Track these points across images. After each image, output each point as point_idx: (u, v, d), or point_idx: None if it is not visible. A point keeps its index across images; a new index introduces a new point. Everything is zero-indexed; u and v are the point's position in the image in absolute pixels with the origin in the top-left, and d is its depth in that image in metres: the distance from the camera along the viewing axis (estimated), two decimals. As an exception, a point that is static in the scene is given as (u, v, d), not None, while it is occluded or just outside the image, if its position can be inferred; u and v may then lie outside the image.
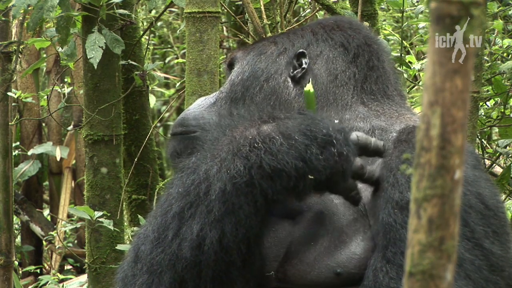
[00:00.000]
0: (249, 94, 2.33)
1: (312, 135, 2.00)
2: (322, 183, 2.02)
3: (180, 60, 5.83)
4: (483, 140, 4.38)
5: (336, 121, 2.15)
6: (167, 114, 8.15)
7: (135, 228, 3.92)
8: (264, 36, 3.77)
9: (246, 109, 2.29)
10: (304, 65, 2.33)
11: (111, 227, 3.62)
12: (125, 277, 2.10)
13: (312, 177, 1.99)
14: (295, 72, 2.33)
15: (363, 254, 2.05)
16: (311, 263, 2.09)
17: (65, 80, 5.77)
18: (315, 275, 2.08)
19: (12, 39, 4.35)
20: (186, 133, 2.35)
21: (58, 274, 5.59)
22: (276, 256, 2.12)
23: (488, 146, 4.53)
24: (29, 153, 6.17)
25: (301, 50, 2.34)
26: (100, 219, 3.55)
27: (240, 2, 4.31)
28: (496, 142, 4.38)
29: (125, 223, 4.25)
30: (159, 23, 7.45)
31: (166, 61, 7.63)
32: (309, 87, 2.23)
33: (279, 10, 4.10)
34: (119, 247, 3.78)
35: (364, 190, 2.11)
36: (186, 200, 2.01)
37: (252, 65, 2.36)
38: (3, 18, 4.21)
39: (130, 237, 3.80)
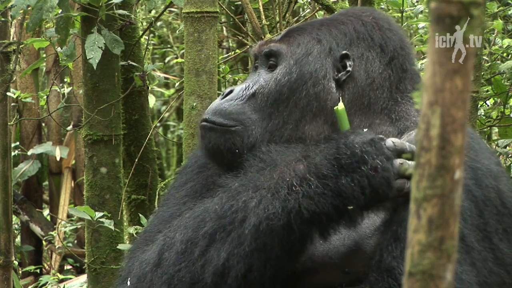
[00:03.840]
0: (295, 98, 2.24)
1: (338, 164, 1.97)
2: (369, 203, 1.98)
3: (180, 60, 5.83)
4: (482, 140, 4.38)
5: (365, 130, 2.11)
6: (167, 114, 8.15)
7: (138, 227, 3.92)
8: (263, 37, 3.77)
9: (287, 114, 2.23)
10: (349, 68, 2.26)
11: (112, 227, 3.61)
12: (143, 276, 2.09)
13: (352, 206, 1.96)
14: (339, 75, 2.26)
15: (373, 253, 2.05)
16: (320, 262, 2.09)
17: (65, 80, 5.78)
18: (323, 273, 2.08)
19: (11, 39, 4.35)
20: (226, 126, 2.25)
21: (58, 274, 5.59)
22: None
23: (488, 146, 4.52)
24: (29, 153, 6.17)
25: (345, 52, 2.26)
26: (101, 219, 3.55)
27: (239, 2, 4.31)
28: (496, 142, 4.38)
29: (125, 223, 4.25)
30: (158, 23, 7.44)
31: (166, 61, 7.63)
32: (340, 105, 2.17)
33: (278, 10, 4.10)
34: (120, 246, 3.78)
35: None
36: (220, 223, 2.00)
37: (300, 67, 2.26)
38: (2, 19, 4.21)
39: (134, 235, 3.80)
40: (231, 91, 2.31)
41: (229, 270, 1.96)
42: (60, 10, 3.72)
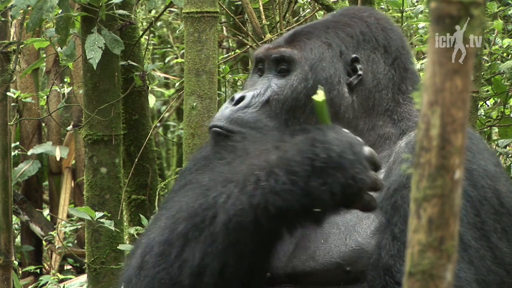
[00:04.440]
0: (311, 104, 2.17)
1: (311, 163, 1.89)
2: (335, 207, 1.93)
3: (180, 60, 5.83)
4: (482, 140, 4.37)
5: (347, 131, 2.03)
6: (167, 114, 8.15)
7: (138, 227, 3.92)
8: (263, 37, 3.77)
9: (303, 119, 2.21)
10: (360, 72, 2.25)
11: (112, 228, 3.62)
12: (129, 280, 2.10)
13: (319, 209, 1.91)
14: (351, 79, 2.25)
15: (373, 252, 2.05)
16: (321, 261, 2.09)
17: (65, 80, 5.77)
18: (324, 272, 2.08)
19: (11, 39, 4.35)
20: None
21: (58, 274, 5.59)
22: (285, 251, 2.12)
23: (487, 147, 4.52)
24: (29, 153, 6.17)
25: (355, 56, 2.25)
26: (101, 219, 3.55)
27: (240, 2, 4.31)
28: (496, 142, 4.38)
29: (125, 223, 4.25)
30: (158, 23, 7.44)
31: (166, 61, 7.63)
32: (320, 96, 2.03)
33: (278, 10, 4.10)
34: (120, 247, 3.78)
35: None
36: (193, 222, 1.97)
37: (316, 73, 2.24)
38: (2, 19, 4.21)
39: (135, 235, 3.80)
40: (242, 98, 2.26)
41: (205, 269, 1.95)
42: (60, 10, 3.73)
